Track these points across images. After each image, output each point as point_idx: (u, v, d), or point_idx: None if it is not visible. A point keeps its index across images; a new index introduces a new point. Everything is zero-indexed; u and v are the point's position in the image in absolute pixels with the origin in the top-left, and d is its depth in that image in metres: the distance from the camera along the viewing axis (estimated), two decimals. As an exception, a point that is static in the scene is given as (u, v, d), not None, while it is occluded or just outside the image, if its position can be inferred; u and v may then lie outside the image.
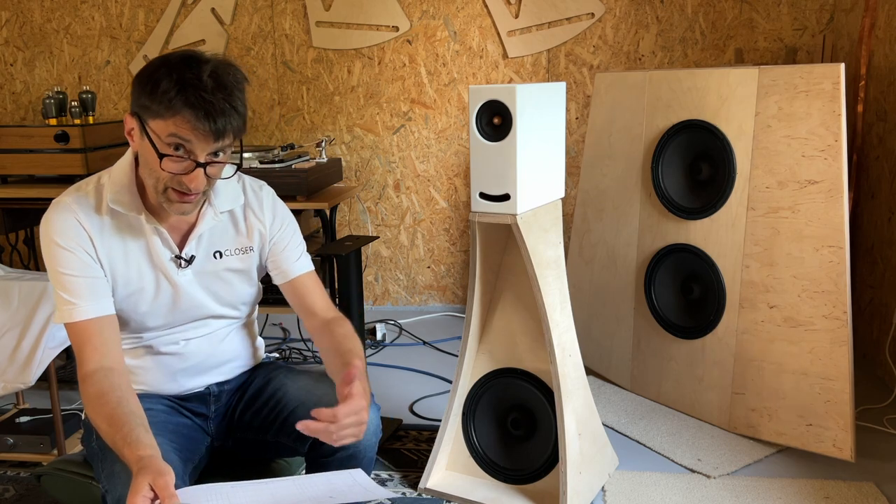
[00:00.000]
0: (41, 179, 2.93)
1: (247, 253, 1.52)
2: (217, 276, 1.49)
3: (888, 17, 2.81)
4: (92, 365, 1.34)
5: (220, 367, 1.56)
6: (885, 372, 2.77)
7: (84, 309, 1.36)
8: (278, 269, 1.55)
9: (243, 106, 1.31)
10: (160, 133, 1.27)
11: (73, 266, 1.36)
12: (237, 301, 1.54)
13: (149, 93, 1.26)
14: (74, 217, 1.37)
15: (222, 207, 1.47)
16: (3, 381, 2.12)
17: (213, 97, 1.25)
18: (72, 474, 1.46)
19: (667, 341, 2.64)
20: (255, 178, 1.57)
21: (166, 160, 1.29)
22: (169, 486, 1.12)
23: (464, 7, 3.57)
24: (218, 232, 1.48)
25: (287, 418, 1.49)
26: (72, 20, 3.81)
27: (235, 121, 1.29)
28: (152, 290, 1.43)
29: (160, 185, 1.32)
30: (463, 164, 3.71)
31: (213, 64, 1.29)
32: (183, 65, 1.27)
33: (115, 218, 1.40)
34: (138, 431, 1.23)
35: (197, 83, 1.25)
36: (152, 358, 1.49)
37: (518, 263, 2.09)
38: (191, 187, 1.31)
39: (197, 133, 1.26)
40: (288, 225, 1.56)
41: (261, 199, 1.53)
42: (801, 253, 2.26)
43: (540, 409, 2.08)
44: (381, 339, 3.43)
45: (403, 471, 2.31)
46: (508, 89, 1.79)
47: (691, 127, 2.48)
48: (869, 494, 2.10)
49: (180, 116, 1.25)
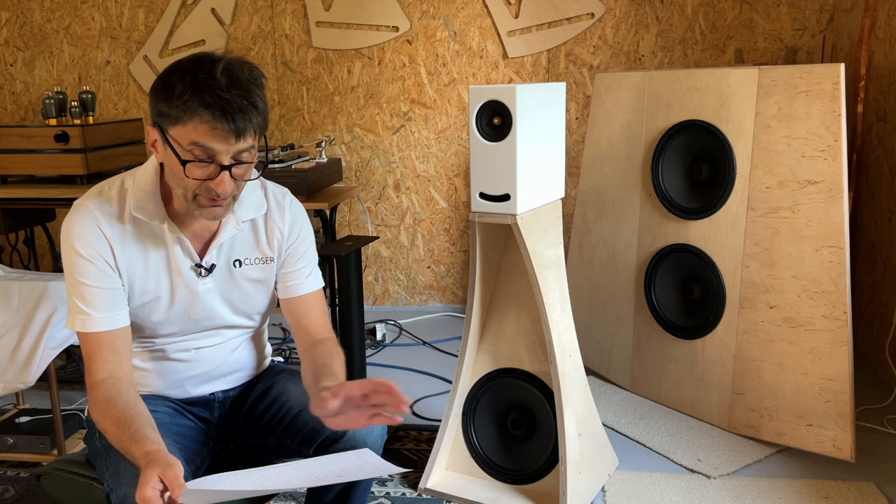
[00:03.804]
0: (41, 179, 2.93)
1: (266, 263, 1.49)
2: (235, 285, 1.47)
3: (888, 17, 2.81)
4: (102, 375, 1.34)
5: (227, 376, 1.55)
6: (885, 372, 2.77)
7: (99, 321, 1.35)
8: (283, 284, 1.52)
9: (263, 102, 1.28)
10: (181, 140, 1.25)
11: (92, 276, 1.34)
12: (252, 311, 1.52)
13: (165, 99, 1.24)
14: (96, 224, 1.35)
15: (245, 217, 1.45)
16: (3, 382, 2.11)
17: (228, 94, 1.22)
18: (72, 474, 1.46)
19: (667, 341, 2.64)
20: (279, 185, 1.54)
21: (190, 166, 1.26)
22: (178, 477, 1.13)
23: (464, 7, 3.57)
24: (239, 241, 1.46)
25: (291, 421, 1.48)
26: (72, 20, 3.81)
27: (255, 118, 1.26)
28: (168, 298, 1.42)
29: (189, 193, 1.30)
30: (463, 164, 3.71)
31: (226, 61, 1.26)
32: (195, 66, 1.25)
33: (137, 226, 1.38)
34: (146, 430, 1.24)
35: (211, 82, 1.22)
36: (161, 363, 1.49)
37: (518, 263, 2.09)
38: (219, 192, 1.28)
39: (216, 134, 1.23)
40: (304, 238, 1.53)
41: (283, 208, 1.50)
42: (801, 253, 2.26)
43: (540, 409, 2.08)
44: (381, 340, 3.43)
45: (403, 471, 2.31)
46: (508, 89, 1.79)
47: (691, 127, 2.48)
48: (869, 494, 2.10)
49: (198, 118, 1.22)
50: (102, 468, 1.36)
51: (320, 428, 1.40)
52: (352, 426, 1.26)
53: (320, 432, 1.42)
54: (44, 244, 3.91)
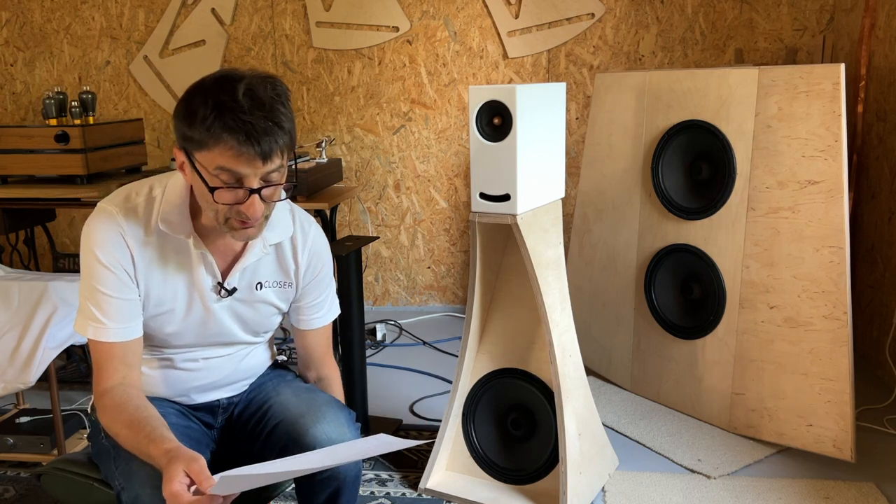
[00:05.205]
0: (41, 180, 2.93)
1: (284, 288, 1.49)
2: (251, 306, 1.46)
3: (888, 17, 2.81)
4: (111, 382, 1.34)
5: (233, 384, 1.55)
6: (885, 372, 2.77)
7: (113, 331, 1.34)
8: (297, 316, 1.55)
9: (289, 121, 1.24)
10: (207, 165, 1.22)
11: (110, 285, 1.33)
12: (261, 329, 1.52)
13: (188, 124, 1.21)
14: (119, 232, 1.32)
15: (272, 240, 1.43)
16: (3, 382, 2.11)
17: (251, 117, 1.18)
18: (72, 474, 1.46)
19: (667, 341, 2.64)
20: (306, 213, 1.52)
21: (218, 192, 1.23)
22: (204, 470, 1.14)
23: (464, 7, 3.57)
24: (262, 263, 1.45)
25: (270, 433, 1.47)
26: (72, 20, 3.81)
27: (281, 139, 1.22)
28: (183, 312, 1.41)
29: (220, 217, 1.28)
30: (463, 164, 3.71)
31: (248, 81, 1.22)
32: (217, 87, 1.21)
33: (162, 237, 1.36)
34: (161, 429, 1.25)
35: (233, 105, 1.19)
36: (169, 371, 1.48)
37: (518, 263, 2.09)
38: (249, 215, 1.26)
39: (242, 159, 1.20)
40: (323, 277, 1.53)
41: (305, 239, 1.48)
42: (802, 253, 2.26)
43: (540, 409, 2.08)
44: (381, 340, 3.43)
45: (403, 471, 2.31)
46: (508, 90, 1.79)
47: (691, 127, 2.48)
48: (869, 494, 2.10)
49: (223, 144, 1.19)
50: (111, 467, 1.36)
51: (292, 445, 1.40)
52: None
53: (291, 449, 1.41)
54: (44, 244, 3.91)
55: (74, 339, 2.20)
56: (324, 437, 1.39)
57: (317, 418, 1.41)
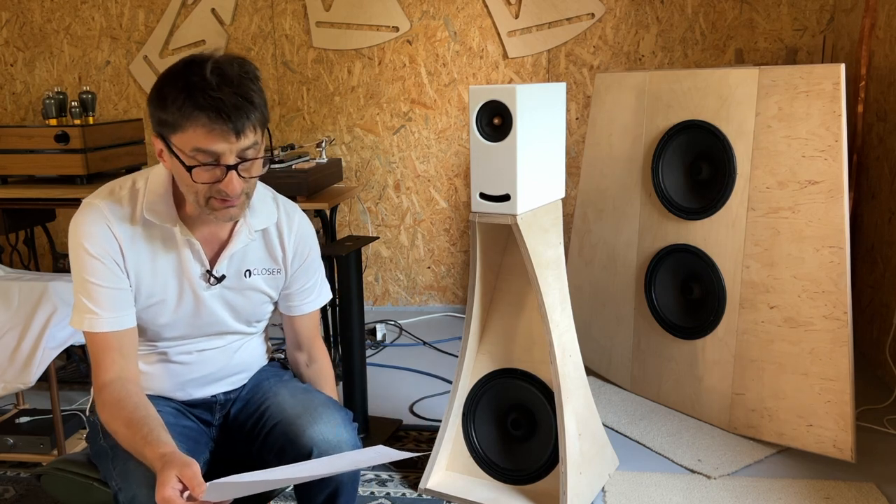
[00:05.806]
0: (41, 180, 2.93)
1: (273, 275, 1.50)
2: (242, 294, 1.48)
3: (888, 17, 2.81)
4: (109, 376, 1.34)
5: (229, 378, 1.55)
6: (885, 372, 2.77)
7: (106, 320, 1.35)
8: (285, 302, 1.57)
9: (259, 96, 1.27)
10: (183, 147, 1.25)
11: (101, 275, 1.34)
12: (253, 319, 1.53)
13: (161, 108, 1.24)
14: (106, 223, 1.34)
15: (257, 226, 1.45)
16: (3, 382, 2.11)
17: (220, 93, 1.21)
18: (72, 474, 1.46)
19: (667, 341, 2.64)
20: (289, 201, 1.54)
21: (196, 171, 1.25)
22: (197, 476, 1.14)
23: (464, 7, 3.57)
24: (250, 250, 1.46)
25: (268, 434, 1.47)
26: (72, 20, 3.81)
27: (252, 113, 1.24)
28: (174, 302, 1.42)
29: (200, 198, 1.30)
30: (463, 164, 3.71)
31: (215, 60, 1.25)
32: (185, 70, 1.24)
33: (148, 228, 1.37)
34: (158, 431, 1.25)
35: (202, 83, 1.21)
36: (164, 365, 1.48)
37: (518, 263, 2.09)
38: (229, 192, 1.28)
39: (216, 135, 1.22)
40: (310, 263, 1.54)
41: (291, 224, 1.50)
42: (802, 253, 2.26)
43: (540, 409, 2.08)
44: (381, 340, 3.43)
45: (403, 471, 2.31)
46: (508, 90, 1.79)
47: (691, 127, 2.48)
48: (869, 495, 2.10)
49: (195, 122, 1.22)
50: (108, 468, 1.36)
51: (289, 446, 1.40)
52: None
53: (289, 451, 1.41)
54: (44, 244, 3.91)
55: (74, 339, 2.20)
56: (320, 437, 1.39)
57: (313, 419, 1.41)
